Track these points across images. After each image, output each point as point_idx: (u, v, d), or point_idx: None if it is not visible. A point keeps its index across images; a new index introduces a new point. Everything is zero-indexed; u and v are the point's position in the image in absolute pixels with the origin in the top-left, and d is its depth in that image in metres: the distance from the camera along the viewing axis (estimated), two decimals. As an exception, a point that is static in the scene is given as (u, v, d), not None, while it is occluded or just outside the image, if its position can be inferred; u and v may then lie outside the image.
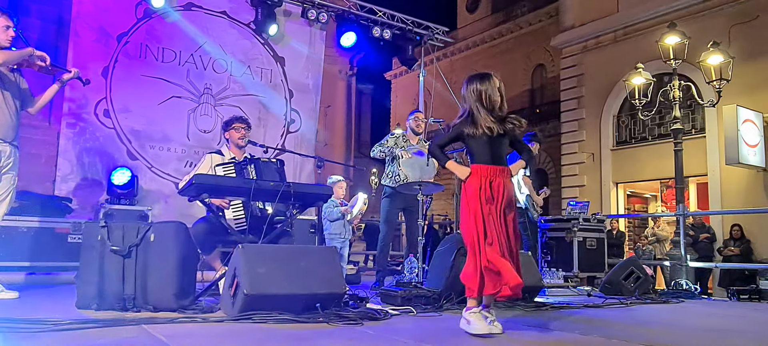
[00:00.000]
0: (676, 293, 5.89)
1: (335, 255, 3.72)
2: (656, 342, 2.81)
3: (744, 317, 4.36)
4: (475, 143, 3.05)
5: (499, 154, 3.07)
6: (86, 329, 2.72)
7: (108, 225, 3.49)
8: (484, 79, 3.09)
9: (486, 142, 3.03)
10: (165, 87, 7.58)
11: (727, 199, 11.03)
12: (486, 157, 3.04)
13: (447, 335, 2.95)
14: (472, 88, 3.09)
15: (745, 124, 10.36)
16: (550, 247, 6.86)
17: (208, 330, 2.84)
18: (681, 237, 6.95)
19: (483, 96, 3.05)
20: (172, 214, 6.66)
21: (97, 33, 7.15)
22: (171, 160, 7.53)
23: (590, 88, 13.80)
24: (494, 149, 3.05)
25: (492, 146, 3.04)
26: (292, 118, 8.64)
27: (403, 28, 9.15)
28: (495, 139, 3.04)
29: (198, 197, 3.82)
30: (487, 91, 3.06)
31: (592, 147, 13.65)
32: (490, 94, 3.05)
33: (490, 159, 3.03)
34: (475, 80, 3.11)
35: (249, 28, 8.24)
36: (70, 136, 6.91)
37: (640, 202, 14.43)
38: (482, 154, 3.04)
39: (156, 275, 3.41)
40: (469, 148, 3.10)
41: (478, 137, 3.03)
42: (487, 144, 3.03)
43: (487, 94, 3.05)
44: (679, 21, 9.25)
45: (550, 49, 17.93)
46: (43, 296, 4.23)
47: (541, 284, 4.85)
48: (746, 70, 10.15)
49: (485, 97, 3.05)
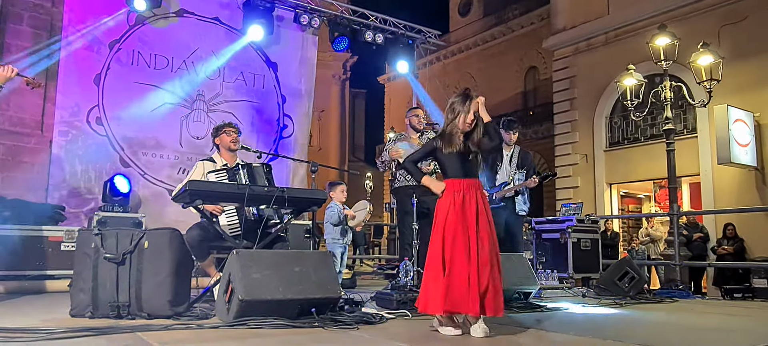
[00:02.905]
0: (670, 293, 5.92)
1: (330, 260, 3.72)
2: (650, 342, 2.83)
3: (737, 315, 4.39)
4: (447, 159, 3.14)
5: (470, 170, 3.15)
6: (81, 336, 2.70)
7: (102, 232, 3.48)
8: (464, 99, 3.13)
9: (457, 159, 3.12)
10: (157, 94, 7.57)
11: (719, 198, 11.10)
12: (458, 172, 3.12)
13: (442, 338, 2.96)
14: (451, 107, 3.16)
15: (736, 123, 10.44)
16: (544, 248, 6.88)
17: (204, 336, 2.83)
18: (675, 237, 6.99)
19: (459, 116, 3.10)
20: (165, 221, 6.65)
21: (89, 40, 7.14)
22: (164, 167, 7.52)
23: (583, 90, 13.87)
24: (466, 166, 3.13)
25: (463, 163, 3.13)
26: (284, 124, 8.64)
27: (396, 32, 9.18)
28: (466, 156, 3.13)
29: (191, 204, 3.81)
30: (462, 111, 3.10)
31: (586, 148, 13.71)
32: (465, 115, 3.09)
33: (462, 174, 3.12)
34: (458, 100, 3.16)
35: (241, 33, 8.25)
36: (63, 143, 6.89)
37: (633, 202, 14.50)
38: (454, 169, 3.13)
39: (150, 282, 3.40)
40: (442, 165, 3.20)
41: (450, 154, 3.11)
42: (458, 160, 3.12)
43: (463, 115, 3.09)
44: (669, 22, 9.32)
45: (542, 52, 18.01)
46: (36, 304, 4.20)
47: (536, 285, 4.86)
48: (736, 70, 10.23)
49: (461, 119, 3.10)
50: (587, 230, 6.93)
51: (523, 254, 5.13)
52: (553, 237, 6.85)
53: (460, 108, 3.11)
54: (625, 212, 13.95)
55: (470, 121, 3.10)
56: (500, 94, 19.58)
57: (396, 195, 5.64)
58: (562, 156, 14.33)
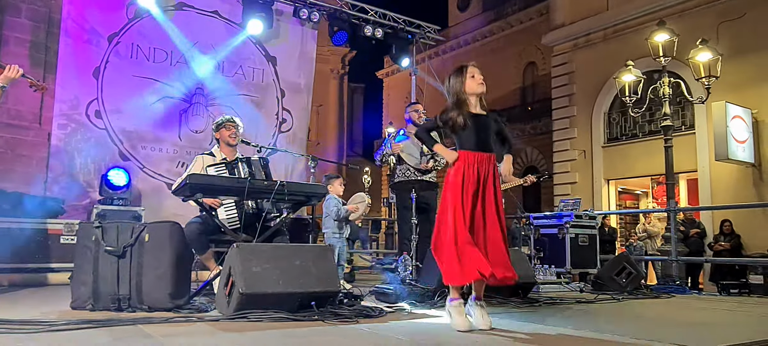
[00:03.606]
0: (667, 288, 5.96)
1: (330, 253, 3.73)
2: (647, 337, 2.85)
3: (733, 310, 4.42)
4: (461, 132, 3.08)
5: (486, 140, 3.09)
6: (82, 329, 2.72)
7: (102, 225, 3.49)
8: (461, 70, 3.13)
9: (472, 129, 3.06)
10: (156, 87, 7.56)
11: (716, 194, 11.15)
12: (472, 144, 3.06)
13: (441, 331, 2.98)
14: (453, 82, 3.13)
15: (733, 120, 10.47)
16: (542, 244, 6.90)
17: (204, 329, 2.85)
18: (672, 233, 7.02)
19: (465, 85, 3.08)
20: (164, 214, 6.65)
21: (88, 33, 7.12)
22: (163, 161, 7.51)
23: (581, 86, 13.89)
24: (480, 135, 3.07)
25: (478, 132, 3.07)
26: (284, 118, 8.64)
27: (395, 26, 9.17)
28: (481, 127, 3.07)
29: (192, 197, 3.82)
30: (467, 80, 3.08)
31: (584, 144, 13.74)
32: (470, 82, 3.08)
33: (475, 146, 3.06)
34: (452, 75, 3.15)
35: (241, 27, 8.23)
36: (62, 137, 6.88)
37: (631, 198, 14.54)
38: (468, 141, 3.07)
39: (151, 275, 3.41)
40: (456, 136, 3.13)
41: (463, 126, 3.05)
42: (473, 130, 3.06)
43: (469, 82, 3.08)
44: (668, 18, 9.34)
45: (541, 47, 18.01)
46: (36, 297, 4.22)
47: (534, 280, 4.89)
48: (734, 67, 10.25)
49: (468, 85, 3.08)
50: (585, 226, 6.96)
51: (521, 249, 5.16)
52: (551, 232, 6.88)
53: (460, 76, 3.09)
54: (623, 207, 14.00)
55: (480, 82, 3.07)
56: (499, 89, 19.57)
57: (395, 190, 5.67)
58: (560, 152, 14.36)
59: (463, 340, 2.72)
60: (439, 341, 2.71)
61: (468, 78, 3.07)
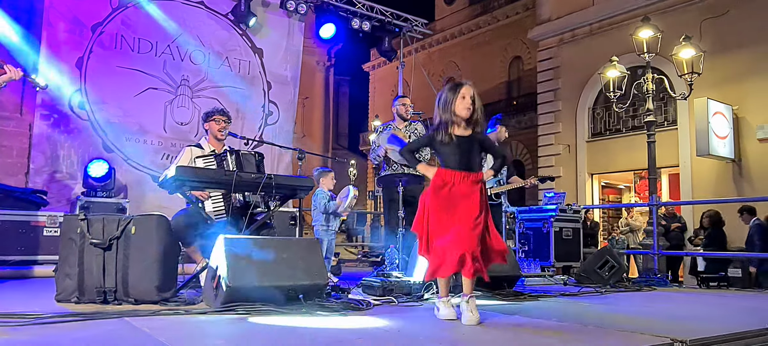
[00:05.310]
0: (648, 281, 6.05)
1: (317, 246, 3.74)
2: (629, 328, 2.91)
3: (711, 303, 4.51)
4: (444, 149, 3.15)
5: (468, 161, 3.14)
6: (68, 322, 2.70)
7: (88, 218, 3.46)
8: (455, 88, 3.15)
9: (455, 149, 3.12)
10: (141, 78, 7.48)
11: (697, 189, 11.33)
12: (453, 163, 3.12)
13: (427, 323, 3.01)
14: (444, 98, 3.16)
15: (715, 116, 10.64)
16: (526, 238, 6.97)
17: (192, 322, 2.85)
18: (653, 227, 7.13)
19: (454, 105, 3.11)
20: (147, 206, 6.61)
21: (71, 23, 7.02)
22: (147, 153, 7.45)
23: (566, 81, 14.00)
24: (463, 156, 3.12)
25: (461, 153, 3.12)
26: (270, 110, 8.60)
27: (382, 19, 9.16)
28: (464, 146, 3.12)
29: (179, 189, 3.80)
30: (456, 100, 3.11)
31: (568, 139, 13.86)
32: (459, 103, 3.11)
33: (457, 165, 3.11)
34: (446, 90, 3.18)
35: (227, 18, 8.17)
36: (44, 127, 6.80)
37: (614, 192, 14.72)
38: (450, 160, 3.13)
39: (137, 267, 3.40)
40: (440, 155, 3.21)
41: (447, 144, 3.12)
42: (456, 150, 3.12)
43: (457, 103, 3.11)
44: (653, 15, 9.43)
45: (526, 42, 18.10)
46: (20, 290, 4.18)
47: (519, 273, 4.95)
48: (717, 64, 10.40)
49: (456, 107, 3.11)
50: (569, 220, 7.03)
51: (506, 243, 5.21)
52: (536, 226, 6.94)
53: (452, 95, 3.12)
54: (606, 202, 14.16)
55: (467, 106, 3.10)
56: (484, 83, 19.63)
57: (382, 183, 5.67)
58: (545, 146, 14.47)
59: (450, 332, 2.75)
60: (426, 333, 2.73)
61: (458, 99, 3.10)
